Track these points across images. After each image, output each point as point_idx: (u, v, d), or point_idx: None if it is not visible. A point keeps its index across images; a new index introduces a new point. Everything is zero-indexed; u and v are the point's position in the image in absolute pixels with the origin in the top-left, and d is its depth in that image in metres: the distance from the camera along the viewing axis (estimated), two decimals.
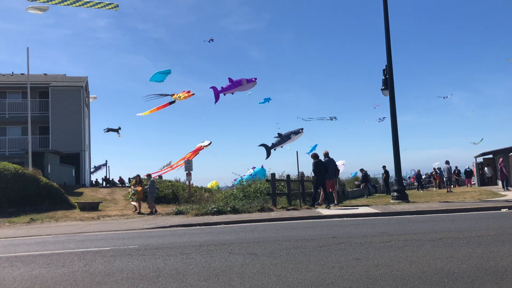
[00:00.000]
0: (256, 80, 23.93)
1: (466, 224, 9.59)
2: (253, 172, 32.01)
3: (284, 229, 10.12)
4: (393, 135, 16.42)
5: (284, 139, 34.02)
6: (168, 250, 7.62)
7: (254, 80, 23.91)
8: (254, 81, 23.91)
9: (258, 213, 14.25)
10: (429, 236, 7.92)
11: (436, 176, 36.53)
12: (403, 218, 11.60)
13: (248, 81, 23.75)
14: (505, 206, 13.14)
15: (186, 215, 15.13)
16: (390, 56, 16.62)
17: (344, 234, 8.55)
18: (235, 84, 23.49)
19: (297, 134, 34.49)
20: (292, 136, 34.20)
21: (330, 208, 14.94)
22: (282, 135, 34.07)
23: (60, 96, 36.10)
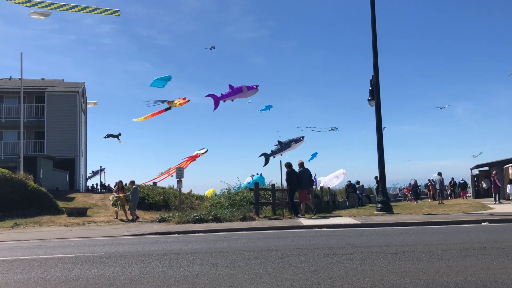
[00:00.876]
0: (257, 88, 23.68)
1: (437, 237, 9.55)
2: (251, 180, 31.96)
3: (257, 239, 10.10)
4: (378, 146, 16.42)
5: (284, 147, 33.92)
6: (131, 258, 7.61)
7: (256, 88, 23.66)
8: (256, 88, 23.66)
9: (240, 222, 14.23)
10: (394, 249, 7.89)
11: (431, 188, 36.37)
12: (379, 230, 11.56)
13: (249, 88, 23.56)
14: (486, 220, 13.08)
15: (168, 222, 15.12)
16: (377, 67, 16.68)
17: (311, 245, 8.53)
18: (236, 91, 23.37)
19: (297, 142, 34.40)
20: (292, 144, 34.10)
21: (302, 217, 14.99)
22: (282, 143, 33.99)
23: (56, 101, 36.28)
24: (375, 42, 16.71)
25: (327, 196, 25.36)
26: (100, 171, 60.25)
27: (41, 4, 15.53)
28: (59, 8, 15.97)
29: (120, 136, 44.75)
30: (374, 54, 16.63)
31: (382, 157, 16.35)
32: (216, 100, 23.12)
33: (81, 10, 16.14)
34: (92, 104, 47.90)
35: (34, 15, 16.57)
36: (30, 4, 15.28)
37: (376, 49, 16.66)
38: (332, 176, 40.14)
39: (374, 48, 16.66)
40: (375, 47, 16.67)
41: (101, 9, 16.38)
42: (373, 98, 16.63)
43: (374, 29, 16.80)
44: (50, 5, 15.79)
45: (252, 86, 23.61)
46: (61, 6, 15.92)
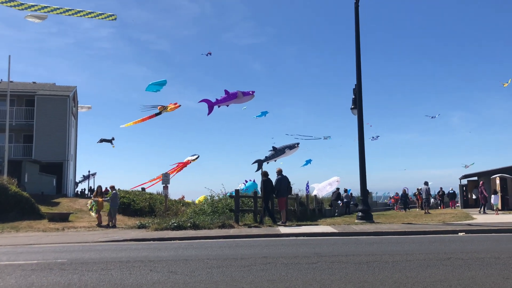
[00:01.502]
0: (253, 93, 23.43)
1: (407, 247, 9.52)
2: (244, 186, 31.83)
3: (227, 247, 10.04)
4: (360, 154, 16.42)
5: (278, 153, 33.74)
6: (93, 265, 7.53)
7: (252, 93, 23.38)
8: (252, 94, 23.38)
9: (218, 230, 14.15)
10: (360, 258, 7.85)
11: (419, 197, 36.39)
12: (353, 239, 11.52)
13: (244, 94, 23.34)
14: (463, 230, 13.08)
15: (147, 229, 15.01)
16: (360, 76, 16.73)
17: (278, 254, 8.48)
18: (231, 97, 23.24)
19: (292, 148, 34.23)
20: (286, 150, 33.90)
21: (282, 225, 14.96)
22: (277, 149, 33.87)
23: (46, 105, 36.14)
24: (358, 53, 16.78)
25: (313, 204, 25.30)
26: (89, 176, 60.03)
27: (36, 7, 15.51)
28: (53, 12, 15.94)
29: (113, 140, 44.63)
30: (358, 64, 16.69)
31: (364, 166, 16.35)
32: (210, 105, 22.99)
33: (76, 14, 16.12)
34: (86, 108, 47.70)
35: (30, 18, 16.53)
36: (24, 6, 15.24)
37: (359, 59, 16.73)
38: (326, 183, 40.01)
39: (358, 58, 16.72)
40: (358, 57, 16.73)
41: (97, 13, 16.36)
42: (355, 107, 16.66)
43: (357, 40, 16.87)
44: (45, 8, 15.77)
45: (247, 92, 23.40)
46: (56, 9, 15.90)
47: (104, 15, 16.32)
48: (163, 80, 27.65)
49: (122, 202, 27.09)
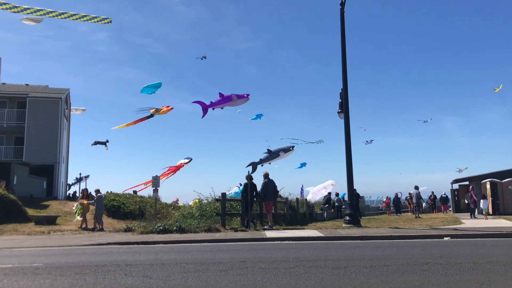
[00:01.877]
0: (248, 96, 23.25)
1: (388, 251, 9.49)
2: (238, 190, 31.72)
3: (209, 251, 9.97)
4: (347, 158, 16.41)
5: (273, 156, 33.64)
6: (68, 269, 7.44)
7: (246, 96, 23.21)
8: (246, 97, 23.21)
9: (203, 234, 14.07)
10: (338, 263, 7.80)
11: (411, 201, 36.41)
12: (337, 243, 11.48)
13: (239, 96, 23.19)
14: (449, 235, 13.07)
15: (133, 232, 14.91)
16: (346, 81, 16.76)
17: (257, 259, 8.42)
18: (225, 99, 23.11)
19: (286, 152, 34.10)
20: (281, 153, 33.79)
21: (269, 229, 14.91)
22: (272, 152, 33.75)
23: (37, 107, 35.95)
24: (344, 57, 16.80)
25: (304, 207, 25.25)
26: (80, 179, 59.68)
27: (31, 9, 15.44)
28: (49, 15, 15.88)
29: (107, 143, 44.44)
30: (343, 68, 16.72)
31: (351, 170, 16.33)
32: (204, 107, 22.83)
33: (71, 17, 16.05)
34: (81, 111, 47.49)
35: (26, 20, 16.44)
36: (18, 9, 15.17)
37: (345, 63, 16.76)
38: (321, 186, 39.92)
39: (343, 62, 16.75)
40: (344, 62, 16.75)
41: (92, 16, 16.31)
42: (342, 111, 16.66)
43: (343, 45, 16.91)
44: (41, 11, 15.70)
45: (242, 94, 23.27)
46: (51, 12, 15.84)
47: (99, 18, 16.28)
48: (158, 83, 27.59)
49: (112, 205, 26.93)
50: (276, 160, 34.35)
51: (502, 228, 15.25)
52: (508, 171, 32.85)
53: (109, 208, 27.04)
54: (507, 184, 30.17)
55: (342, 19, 16.99)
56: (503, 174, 32.26)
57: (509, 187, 30.00)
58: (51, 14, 15.86)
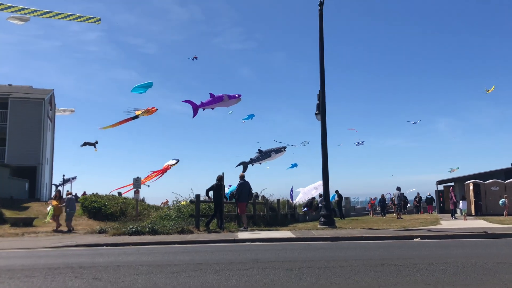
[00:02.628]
0: (240, 97, 23.04)
1: (350, 252, 9.50)
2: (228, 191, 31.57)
3: (172, 253, 9.91)
4: (323, 159, 16.43)
5: (264, 156, 33.55)
6: (20, 272, 7.35)
7: (238, 97, 23.00)
8: (238, 97, 23.00)
9: (176, 235, 13.99)
10: (294, 264, 7.78)
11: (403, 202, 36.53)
12: (305, 244, 11.46)
13: (230, 97, 22.90)
14: (419, 236, 13.11)
15: (106, 234, 14.79)
16: (323, 82, 16.78)
17: (215, 260, 8.38)
18: (216, 100, 22.89)
19: (277, 152, 34.00)
20: (272, 154, 33.70)
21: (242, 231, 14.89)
22: (263, 152, 33.62)
23: (19, 108, 35.59)
24: (322, 58, 16.83)
25: (285, 209, 25.23)
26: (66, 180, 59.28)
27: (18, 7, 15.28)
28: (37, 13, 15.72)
29: (96, 144, 44.15)
30: (321, 69, 16.75)
31: (327, 171, 16.35)
32: (195, 107, 22.58)
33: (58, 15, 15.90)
34: (69, 112, 47.17)
35: (13, 19, 16.26)
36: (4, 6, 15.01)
37: (323, 64, 16.79)
38: (311, 187, 39.97)
39: (321, 63, 16.78)
40: (322, 63, 16.79)
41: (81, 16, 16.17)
42: (319, 112, 16.67)
43: (321, 46, 16.94)
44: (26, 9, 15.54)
45: (234, 95, 23.01)
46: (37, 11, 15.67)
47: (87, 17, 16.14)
48: (149, 82, 27.41)
49: (93, 207, 26.75)
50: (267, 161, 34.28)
51: (476, 229, 15.33)
52: (491, 172, 33.11)
53: (90, 210, 26.88)
54: (490, 185, 30.40)
55: (320, 20, 17.03)
56: (486, 175, 32.49)
57: (492, 188, 30.23)
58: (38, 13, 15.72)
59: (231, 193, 16.85)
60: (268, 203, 22.16)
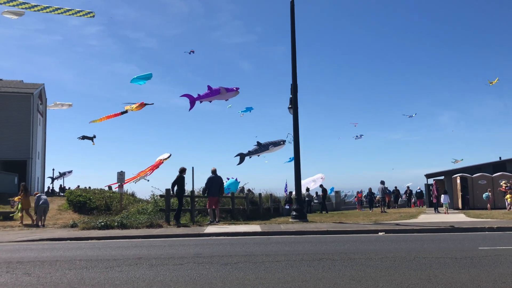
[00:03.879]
0: (237, 90, 22.80)
1: (299, 247, 9.49)
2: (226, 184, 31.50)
3: (122, 248, 9.91)
4: (295, 153, 16.40)
5: (262, 148, 33.29)
6: None
7: (236, 90, 22.76)
8: (236, 90, 22.76)
9: (144, 229, 14.03)
10: (233, 259, 7.78)
11: (386, 196, 36.49)
12: (264, 239, 11.48)
13: (227, 90, 22.54)
14: (385, 230, 13.08)
15: (75, 228, 14.83)
16: (295, 75, 16.72)
17: (158, 255, 8.39)
18: (213, 92, 22.64)
19: (276, 145, 33.65)
20: (270, 147, 33.40)
21: (212, 225, 14.90)
22: (261, 144, 33.39)
23: (7, 102, 35.67)
24: (294, 51, 16.75)
25: (268, 202, 25.23)
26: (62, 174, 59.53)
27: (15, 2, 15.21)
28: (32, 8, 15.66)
29: (94, 138, 44.25)
30: (293, 62, 16.67)
31: (298, 165, 16.31)
32: (192, 100, 22.33)
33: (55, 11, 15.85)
34: (67, 106, 47.08)
35: (7, 14, 16.22)
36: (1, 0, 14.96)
37: (295, 57, 16.72)
38: (309, 179, 39.82)
39: (293, 57, 16.71)
40: (294, 56, 16.71)
41: (75, 10, 16.10)
42: (292, 106, 16.61)
43: (293, 39, 16.85)
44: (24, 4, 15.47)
45: (231, 88, 22.67)
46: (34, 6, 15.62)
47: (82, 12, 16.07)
48: (149, 74, 27.32)
49: (78, 201, 26.90)
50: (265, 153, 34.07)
51: (446, 223, 15.26)
52: (479, 165, 33.03)
53: (75, 204, 27.02)
54: (477, 179, 30.32)
55: (292, 13, 16.93)
56: (474, 168, 32.43)
57: (479, 182, 30.15)
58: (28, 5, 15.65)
59: (202, 188, 16.81)
60: (248, 197, 22.15)
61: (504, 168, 31.23)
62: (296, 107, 16.46)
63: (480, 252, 8.19)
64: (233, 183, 31.30)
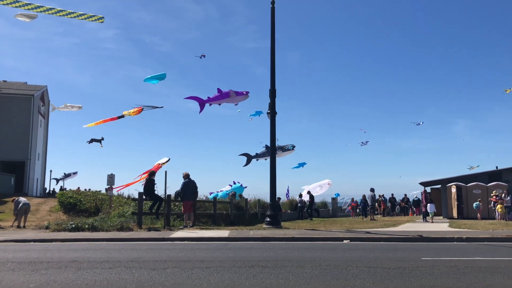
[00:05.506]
0: (247, 94, 22.58)
1: (243, 254, 9.45)
2: (230, 189, 31.48)
3: (72, 250, 10.00)
4: (271, 159, 16.37)
5: None
6: None
7: (246, 94, 22.53)
8: (245, 94, 22.54)
9: (113, 232, 14.10)
10: (164, 264, 7.79)
11: (382, 203, 36.19)
12: (221, 244, 11.43)
13: (237, 93, 22.35)
14: (349, 238, 12.96)
15: (46, 230, 14.98)
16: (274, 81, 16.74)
17: (93, 259, 8.43)
18: (223, 96, 22.65)
19: (285, 151, 33.36)
20: (279, 151, 33.24)
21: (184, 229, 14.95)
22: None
23: (7, 103, 36.23)
24: (273, 57, 16.79)
25: (256, 208, 25.19)
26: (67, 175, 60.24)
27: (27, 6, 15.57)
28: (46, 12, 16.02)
29: (102, 140, 44.78)
30: (272, 70, 16.73)
31: (274, 171, 16.27)
32: (201, 102, 22.35)
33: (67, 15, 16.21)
34: (77, 108, 47.76)
35: (20, 17, 16.61)
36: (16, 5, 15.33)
37: (273, 62, 16.74)
38: (316, 185, 39.60)
39: (272, 61, 16.75)
40: (273, 61, 16.74)
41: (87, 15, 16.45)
42: (270, 112, 16.61)
43: (273, 43, 16.88)
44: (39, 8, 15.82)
45: (241, 91, 22.52)
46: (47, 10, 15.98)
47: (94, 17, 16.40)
48: (162, 74, 27.51)
49: (68, 203, 27.16)
50: None
51: (422, 232, 15.02)
52: (475, 174, 32.48)
53: (66, 205, 27.31)
54: (472, 188, 29.86)
55: (272, 17, 17.00)
56: (469, 178, 31.91)
57: (474, 191, 29.68)
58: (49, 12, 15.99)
59: (176, 192, 16.86)
60: (232, 202, 22.15)
61: (500, 177, 30.69)
62: (273, 112, 16.45)
63: (419, 263, 8.07)
64: (238, 188, 31.24)
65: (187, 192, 15.78)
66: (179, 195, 16.11)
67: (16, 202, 18.36)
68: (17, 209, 18.11)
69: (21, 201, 18.42)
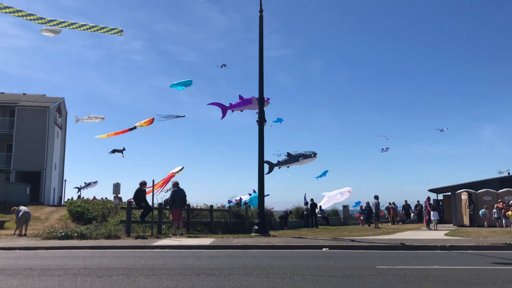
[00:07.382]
0: (268, 100, 22.69)
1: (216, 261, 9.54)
2: (249, 198, 31.68)
3: (41, 258, 10.32)
4: (259, 167, 16.48)
5: (292, 160, 32.97)
6: None
7: (266, 100, 22.29)
8: (266, 100, 22.40)
9: (101, 240, 14.42)
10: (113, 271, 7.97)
11: (392, 211, 35.61)
12: (197, 252, 11.56)
13: None
14: (329, 246, 12.90)
15: (36, 238, 15.45)
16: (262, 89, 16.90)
17: (58, 266, 8.72)
18: (245, 102, 23.01)
19: (307, 158, 33.22)
20: (300, 159, 33.07)
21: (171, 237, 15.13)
22: (292, 156, 33.15)
23: (25, 115, 37.59)
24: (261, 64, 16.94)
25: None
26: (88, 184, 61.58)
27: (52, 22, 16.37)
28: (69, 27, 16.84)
29: (124, 150, 45.79)
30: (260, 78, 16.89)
31: (262, 178, 16.38)
32: (223, 108, 22.74)
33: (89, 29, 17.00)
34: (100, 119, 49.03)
35: (45, 32, 17.42)
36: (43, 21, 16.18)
37: (262, 70, 16.90)
38: (337, 192, 39.29)
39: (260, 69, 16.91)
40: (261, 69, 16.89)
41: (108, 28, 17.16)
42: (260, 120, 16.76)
43: (261, 52, 17.04)
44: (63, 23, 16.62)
45: None
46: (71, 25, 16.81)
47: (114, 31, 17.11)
48: (189, 80, 28.04)
49: (76, 211, 28.00)
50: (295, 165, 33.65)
51: (415, 240, 14.80)
52: (486, 181, 31.65)
53: (74, 214, 28.15)
54: (482, 195, 29.09)
55: (260, 25, 17.20)
56: (480, 184, 31.08)
57: (484, 198, 28.92)
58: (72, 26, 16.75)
59: (165, 200, 17.13)
60: (231, 210, 22.27)
61: (511, 184, 29.79)
62: (262, 120, 16.58)
63: (369, 271, 8.01)
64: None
65: (176, 200, 16.02)
66: (168, 203, 16.37)
67: (17, 211, 18.96)
68: (18, 218, 18.71)
69: (22, 209, 19.01)
